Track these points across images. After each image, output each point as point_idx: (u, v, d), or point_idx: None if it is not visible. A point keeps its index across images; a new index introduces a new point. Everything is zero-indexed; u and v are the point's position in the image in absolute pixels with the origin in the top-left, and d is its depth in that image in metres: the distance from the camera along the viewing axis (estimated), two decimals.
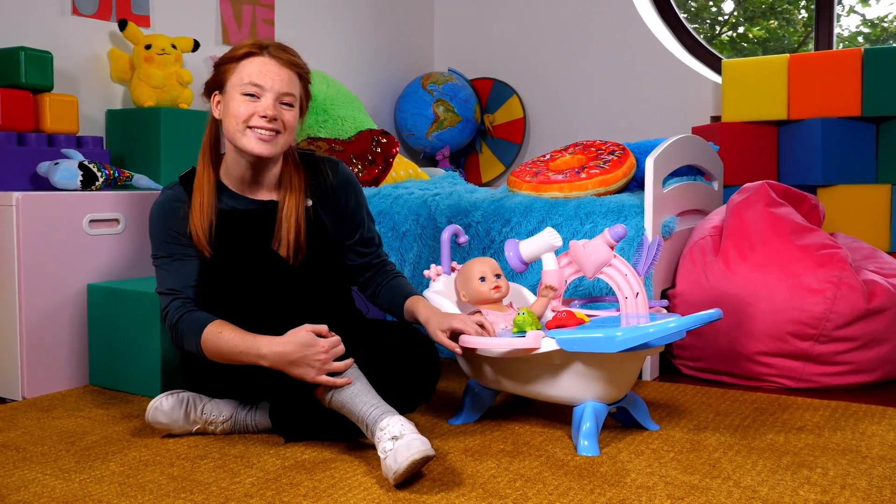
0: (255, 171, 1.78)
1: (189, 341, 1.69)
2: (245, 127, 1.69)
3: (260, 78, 1.69)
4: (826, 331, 2.16)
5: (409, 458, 1.44)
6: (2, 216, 2.11)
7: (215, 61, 1.78)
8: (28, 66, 2.36)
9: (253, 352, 1.61)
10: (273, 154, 1.72)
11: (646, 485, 1.52)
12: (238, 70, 1.71)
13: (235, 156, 1.77)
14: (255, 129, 1.69)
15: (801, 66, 3.11)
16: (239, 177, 1.79)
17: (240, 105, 1.69)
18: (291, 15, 3.46)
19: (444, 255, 2.09)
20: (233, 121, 1.70)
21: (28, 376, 2.12)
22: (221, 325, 1.66)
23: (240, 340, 1.62)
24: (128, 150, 2.66)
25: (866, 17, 4.77)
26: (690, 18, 4.91)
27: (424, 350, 1.78)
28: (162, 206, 1.78)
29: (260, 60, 1.71)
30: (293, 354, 1.58)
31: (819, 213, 2.60)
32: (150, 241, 1.79)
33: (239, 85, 1.70)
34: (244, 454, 1.68)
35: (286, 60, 1.72)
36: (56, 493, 1.48)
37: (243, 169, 1.77)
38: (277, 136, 1.71)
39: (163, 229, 1.76)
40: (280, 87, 1.70)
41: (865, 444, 1.74)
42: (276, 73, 1.70)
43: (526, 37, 4.08)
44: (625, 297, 1.83)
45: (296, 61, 1.74)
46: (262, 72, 1.69)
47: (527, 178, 2.64)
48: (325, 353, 1.58)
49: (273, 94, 1.70)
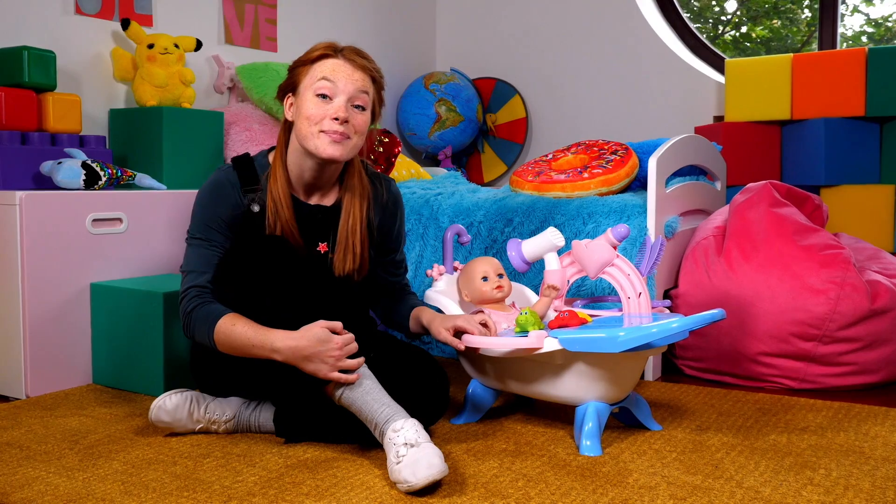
0: (316, 173, 1.78)
1: (201, 331, 1.69)
2: (318, 130, 1.70)
3: (333, 79, 1.69)
4: (829, 331, 2.15)
5: (429, 477, 1.43)
6: (5, 215, 2.11)
7: (290, 65, 1.78)
8: (31, 66, 2.36)
9: (267, 345, 1.61)
10: (342, 157, 1.72)
11: (648, 485, 1.51)
12: (311, 72, 1.72)
13: (300, 157, 1.76)
14: (327, 132, 1.69)
15: (805, 66, 3.11)
16: (297, 177, 1.79)
17: (312, 107, 1.70)
18: (294, 14, 3.47)
19: (447, 254, 2.09)
20: (305, 122, 1.71)
21: (31, 375, 2.13)
22: (235, 317, 1.66)
23: (253, 333, 1.62)
24: (130, 149, 2.66)
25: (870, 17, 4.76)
26: (693, 18, 4.91)
27: (435, 377, 1.77)
28: (215, 188, 1.76)
29: (333, 62, 1.71)
30: (307, 349, 1.58)
31: (822, 214, 2.60)
32: (191, 216, 1.78)
33: (312, 86, 1.70)
34: (247, 453, 1.69)
35: (360, 64, 1.72)
36: (59, 492, 1.48)
37: (305, 170, 1.77)
38: (348, 139, 1.71)
39: (210, 212, 1.75)
40: (352, 90, 1.70)
41: (869, 445, 1.74)
42: (349, 75, 1.70)
43: (528, 36, 4.07)
44: (627, 297, 1.83)
45: (369, 65, 1.74)
46: (336, 73, 1.70)
47: (529, 178, 2.64)
48: (338, 350, 1.58)
49: (345, 96, 1.70)
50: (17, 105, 2.34)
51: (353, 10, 3.79)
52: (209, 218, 1.75)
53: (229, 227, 1.75)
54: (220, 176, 1.78)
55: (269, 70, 3.03)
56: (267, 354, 1.61)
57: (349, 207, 1.80)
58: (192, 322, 1.70)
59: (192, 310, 1.70)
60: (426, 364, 1.79)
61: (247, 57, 3.23)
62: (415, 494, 1.46)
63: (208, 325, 1.67)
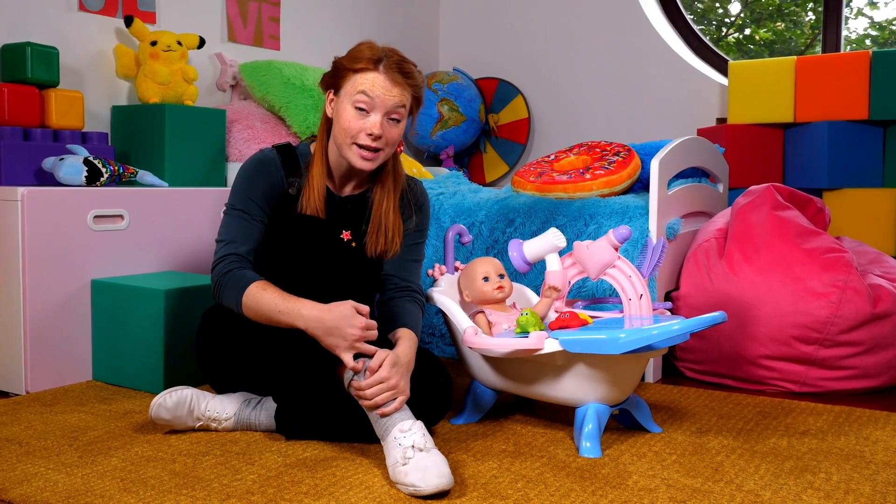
0: (351, 168, 1.82)
1: (230, 295, 1.71)
2: (352, 142, 1.74)
3: (372, 93, 1.72)
4: (830, 335, 2.15)
5: (439, 486, 1.44)
6: (7, 211, 2.11)
7: (335, 60, 1.80)
8: (34, 62, 2.37)
9: (293, 311, 1.63)
10: (372, 169, 1.78)
11: (648, 487, 1.51)
12: (353, 81, 1.74)
13: (337, 154, 1.82)
14: (360, 146, 1.74)
15: (808, 69, 3.10)
16: (335, 167, 1.84)
17: (350, 119, 1.73)
18: (297, 12, 3.46)
19: (448, 254, 2.09)
20: (341, 132, 1.75)
21: (31, 371, 2.13)
22: (266, 284, 1.69)
23: (281, 300, 1.65)
24: (132, 146, 2.66)
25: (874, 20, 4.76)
26: (697, 20, 4.90)
27: (439, 377, 1.78)
28: (259, 163, 1.80)
29: (374, 77, 1.72)
30: (331, 321, 1.60)
31: (825, 217, 2.59)
32: (231, 189, 1.81)
33: (352, 94, 1.73)
34: (246, 451, 1.68)
35: (401, 80, 1.74)
36: (58, 488, 1.48)
37: (342, 164, 1.82)
38: (379, 153, 1.76)
39: (253, 184, 1.78)
40: (390, 106, 1.74)
41: (869, 449, 1.74)
42: (388, 90, 1.73)
43: (531, 37, 4.07)
44: (628, 299, 1.83)
45: (409, 81, 1.76)
46: (375, 88, 1.72)
47: (531, 179, 2.64)
48: (359, 330, 1.60)
49: (382, 111, 1.73)
50: (19, 101, 2.34)
51: (356, 8, 3.79)
52: (252, 191, 1.78)
53: (268, 203, 1.79)
54: (265, 154, 1.83)
55: (272, 68, 3.03)
56: (292, 321, 1.64)
57: (381, 193, 1.85)
58: (222, 285, 1.72)
59: (227, 272, 1.73)
60: (430, 364, 1.79)
61: (250, 55, 3.23)
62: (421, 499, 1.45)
63: (238, 289, 1.69)
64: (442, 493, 1.45)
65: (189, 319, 2.14)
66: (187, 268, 2.50)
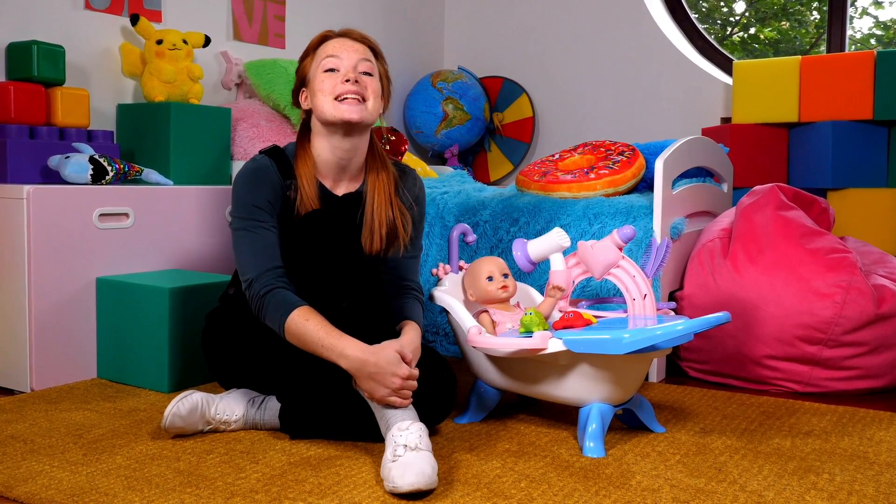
0: (343, 152, 1.81)
1: (273, 317, 1.68)
2: (333, 98, 1.76)
3: (335, 52, 1.79)
4: (834, 335, 2.15)
5: (414, 485, 1.42)
6: (12, 209, 2.12)
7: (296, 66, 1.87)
8: (40, 60, 2.37)
9: (336, 350, 1.62)
10: (363, 118, 1.77)
11: (651, 487, 1.51)
12: (315, 57, 1.82)
13: (325, 140, 1.81)
14: (342, 95, 1.76)
15: (813, 68, 3.10)
16: (325, 162, 1.82)
17: (324, 81, 1.78)
18: (302, 11, 3.47)
19: (452, 253, 2.09)
20: (320, 97, 1.77)
21: (36, 368, 2.13)
22: (309, 312, 1.67)
23: (325, 335, 1.63)
24: (138, 144, 2.67)
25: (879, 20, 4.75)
26: (701, 19, 4.90)
27: (444, 375, 1.78)
28: (257, 171, 1.78)
29: (333, 41, 1.82)
30: (374, 367, 1.59)
31: (829, 217, 2.59)
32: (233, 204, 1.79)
33: (319, 66, 1.79)
34: (250, 450, 1.69)
35: (357, 36, 1.83)
36: (63, 486, 1.49)
37: (333, 151, 1.81)
38: (364, 102, 1.78)
39: (256, 192, 1.75)
40: (356, 58, 1.79)
41: (873, 450, 1.74)
42: (350, 46, 1.80)
43: (536, 36, 4.07)
44: (632, 299, 1.83)
45: (367, 37, 1.85)
46: (337, 48, 1.80)
47: (535, 178, 2.64)
48: (401, 380, 1.58)
49: (351, 63, 1.78)
50: (25, 99, 2.35)
51: (361, 6, 3.79)
52: (257, 199, 1.75)
53: (274, 208, 1.77)
54: (258, 161, 1.81)
55: (278, 67, 3.03)
56: (334, 359, 1.63)
57: (373, 189, 1.84)
58: (264, 305, 1.70)
59: (268, 293, 1.70)
60: (435, 362, 1.79)
61: (255, 53, 3.24)
62: (398, 497, 1.45)
63: (281, 314, 1.67)
64: (419, 493, 1.44)
65: (194, 318, 2.15)
66: (192, 266, 2.51)
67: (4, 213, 2.14)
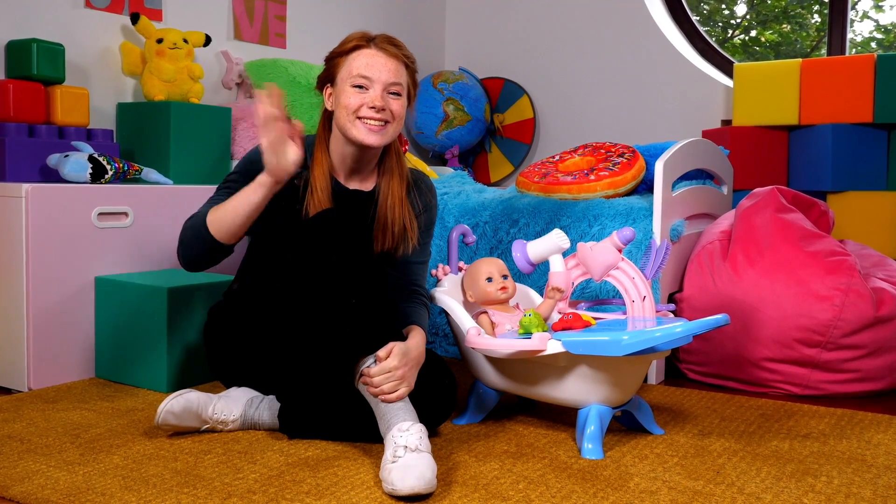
0: (357, 159, 1.82)
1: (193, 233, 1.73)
2: (355, 118, 1.75)
3: (368, 70, 1.75)
4: (833, 338, 2.15)
5: (414, 489, 1.42)
6: (11, 208, 2.12)
7: (326, 56, 1.84)
8: (40, 59, 2.37)
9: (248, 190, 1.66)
10: (382, 143, 1.78)
11: (649, 489, 1.51)
12: (347, 63, 1.77)
13: (341, 145, 1.82)
14: (365, 119, 1.75)
15: (814, 71, 3.10)
16: (339, 162, 1.83)
17: (350, 97, 1.75)
18: (303, 11, 3.47)
19: (452, 254, 2.09)
20: (343, 112, 1.76)
21: (34, 368, 2.13)
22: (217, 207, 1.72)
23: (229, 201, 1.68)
24: (138, 143, 2.66)
25: (880, 23, 4.75)
26: (703, 21, 4.90)
27: (444, 377, 1.78)
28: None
29: (367, 53, 1.77)
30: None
31: (828, 220, 2.59)
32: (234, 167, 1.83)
33: (348, 77, 1.76)
34: (248, 450, 1.69)
35: (392, 52, 1.78)
36: (60, 485, 1.48)
37: (346, 156, 1.82)
38: (386, 125, 1.77)
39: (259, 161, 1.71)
40: (387, 78, 1.76)
41: (871, 452, 1.74)
42: (383, 64, 1.76)
43: (537, 37, 4.07)
44: (632, 301, 1.83)
45: (402, 52, 1.80)
46: (370, 63, 1.75)
47: (535, 179, 2.64)
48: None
49: (381, 85, 1.75)
50: (25, 97, 2.35)
51: (361, 7, 3.79)
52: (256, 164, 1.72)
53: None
54: None
55: (278, 66, 3.03)
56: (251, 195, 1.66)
57: (387, 188, 1.85)
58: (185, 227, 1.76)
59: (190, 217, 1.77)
60: (436, 365, 1.79)
61: (256, 53, 3.24)
62: (396, 499, 1.44)
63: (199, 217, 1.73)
64: (418, 497, 1.43)
65: (192, 317, 2.15)
66: None
67: (3, 212, 2.13)
